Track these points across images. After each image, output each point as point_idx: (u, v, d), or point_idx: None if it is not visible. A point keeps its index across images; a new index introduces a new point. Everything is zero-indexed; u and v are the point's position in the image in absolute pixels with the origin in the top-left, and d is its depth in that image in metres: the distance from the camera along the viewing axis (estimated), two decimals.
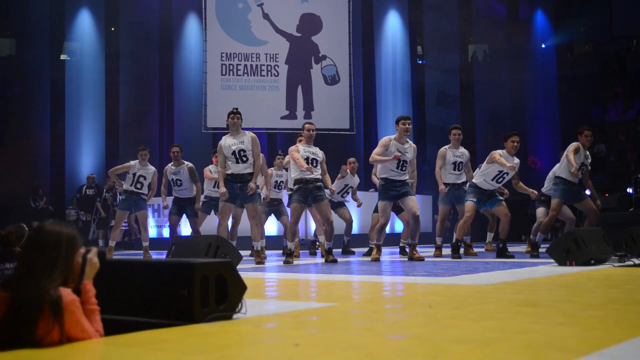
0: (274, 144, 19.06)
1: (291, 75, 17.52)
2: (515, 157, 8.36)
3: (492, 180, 8.26)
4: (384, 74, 20.82)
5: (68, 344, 2.19)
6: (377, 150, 7.74)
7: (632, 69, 22.19)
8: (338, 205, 10.04)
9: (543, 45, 22.95)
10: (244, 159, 7.51)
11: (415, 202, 7.73)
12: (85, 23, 19.66)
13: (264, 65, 17.40)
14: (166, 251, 6.75)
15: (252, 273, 6.04)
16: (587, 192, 8.10)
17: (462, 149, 9.00)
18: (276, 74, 17.46)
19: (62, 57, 20.47)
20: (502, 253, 8.02)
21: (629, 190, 13.13)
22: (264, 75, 17.39)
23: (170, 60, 20.03)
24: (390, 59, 20.98)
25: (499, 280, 4.61)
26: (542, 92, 22.03)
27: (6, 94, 20.44)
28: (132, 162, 9.84)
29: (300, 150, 7.88)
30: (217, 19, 17.30)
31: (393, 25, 20.92)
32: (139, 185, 9.73)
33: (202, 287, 2.58)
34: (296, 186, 7.80)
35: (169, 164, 9.74)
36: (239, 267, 5.96)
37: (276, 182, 9.76)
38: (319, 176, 7.87)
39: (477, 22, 22.25)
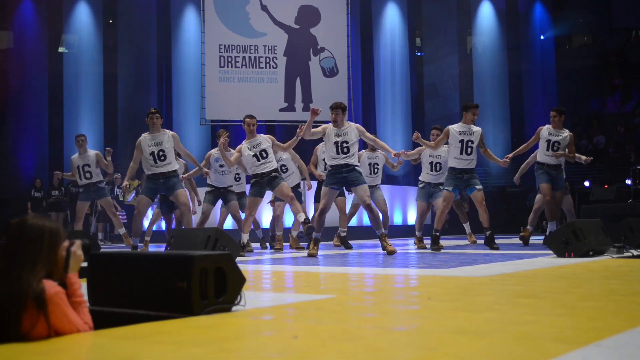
0: (273, 136, 19.00)
1: (290, 68, 17.47)
2: (473, 126, 8.09)
3: (461, 154, 8.00)
4: (383, 66, 20.78)
5: (65, 337, 2.19)
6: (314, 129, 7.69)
7: (630, 60, 22.16)
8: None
9: (542, 37, 22.91)
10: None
11: (364, 191, 7.47)
12: (83, 16, 19.59)
13: (262, 57, 17.34)
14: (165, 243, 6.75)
15: (250, 265, 6.05)
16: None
17: (442, 149, 8.94)
18: (274, 66, 17.41)
19: (60, 49, 20.41)
20: (490, 243, 7.93)
21: (628, 181, 13.13)
22: (262, 68, 17.34)
23: (169, 52, 19.98)
24: (389, 50, 20.93)
25: (498, 272, 4.61)
26: (541, 84, 22.01)
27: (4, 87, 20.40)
28: (72, 157, 9.58)
29: (244, 149, 8.04)
30: (215, 11, 17.23)
31: (391, 16, 20.87)
32: (87, 175, 9.41)
33: (201, 280, 2.58)
34: (252, 180, 8.05)
35: (213, 150, 9.10)
36: (237, 259, 5.97)
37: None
38: (273, 167, 8.01)
39: (476, 13, 22.18)
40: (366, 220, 13.52)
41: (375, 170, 9.72)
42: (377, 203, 9.51)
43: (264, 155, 7.95)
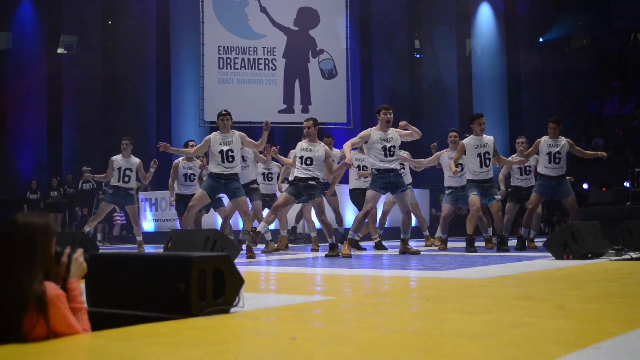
0: (272, 137, 18.99)
1: (289, 69, 17.48)
2: (484, 136, 8.20)
3: (480, 167, 8.11)
4: (382, 68, 20.78)
5: (63, 338, 2.18)
6: (353, 140, 7.68)
7: (630, 63, 22.18)
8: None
9: (540, 39, 22.93)
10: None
11: (407, 198, 7.74)
12: (82, 16, 19.59)
13: (261, 59, 17.36)
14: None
15: (249, 267, 6.04)
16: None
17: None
18: (274, 67, 17.42)
19: (59, 50, 20.41)
20: (501, 245, 8.11)
21: (626, 184, 13.14)
22: (261, 69, 17.35)
23: (168, 53, 19.97)
24: (388, 52, 20.92)
25: (496, 274, 4.61)
26: (540, 87, 22.02)
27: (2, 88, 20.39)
28: (114, 157, 9.58)
29: (299, 148, 7.91)
30: (214, 12, 17.24)
31: (391, 19, 20.87)
32: (126, 179, 9.49)
33: (200, 281, 2.59)
34: (291, 180, 8.01)
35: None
36: (236, 261, 5.96)
37: (263, 174, 9.77)
38: (311, 175, 7.75)
39: (475, 16, 22.19)
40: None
41: (403, 169, 9.58)
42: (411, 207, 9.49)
43: (308, 162, 7.78)
